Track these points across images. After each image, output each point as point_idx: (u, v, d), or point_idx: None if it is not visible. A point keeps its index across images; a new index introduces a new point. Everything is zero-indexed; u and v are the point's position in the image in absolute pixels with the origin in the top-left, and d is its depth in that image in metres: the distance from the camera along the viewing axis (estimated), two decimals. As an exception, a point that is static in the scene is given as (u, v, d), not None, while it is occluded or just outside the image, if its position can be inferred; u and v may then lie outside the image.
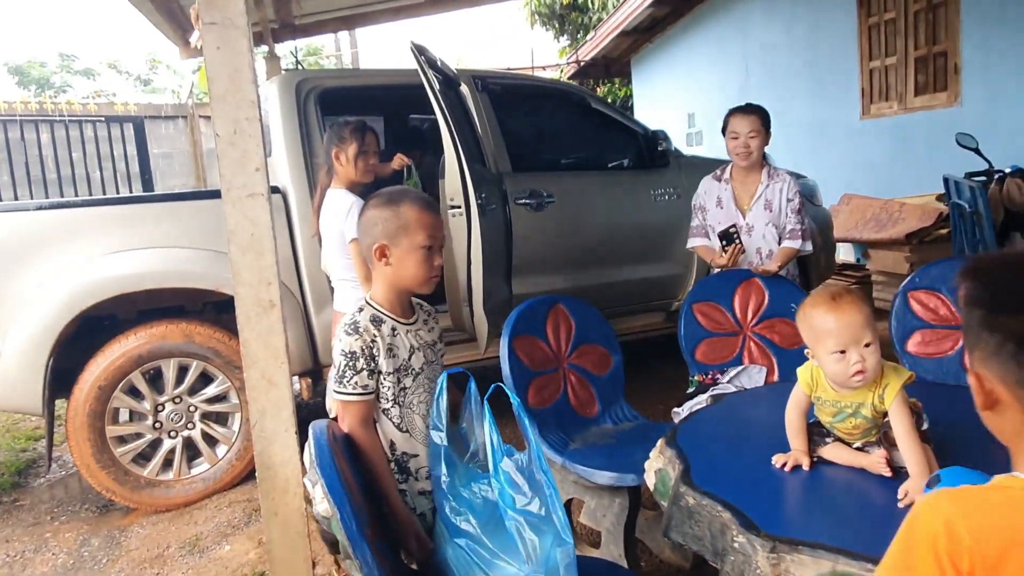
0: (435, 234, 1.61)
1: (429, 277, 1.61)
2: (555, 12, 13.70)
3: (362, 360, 1.53)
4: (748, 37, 7.71)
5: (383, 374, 1.57)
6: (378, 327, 1.57)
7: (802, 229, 2.89)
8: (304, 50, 17.40)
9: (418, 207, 1.60)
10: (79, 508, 3.27)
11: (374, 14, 6.50)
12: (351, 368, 1.53)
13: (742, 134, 2.87)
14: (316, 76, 3.83)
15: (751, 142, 2.86)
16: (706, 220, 3.05)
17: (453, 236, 3.04)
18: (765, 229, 2.91)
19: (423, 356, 1.65)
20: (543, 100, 4.33)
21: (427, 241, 1.58)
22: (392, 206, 1.59)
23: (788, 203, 2.90)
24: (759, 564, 1.18)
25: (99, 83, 19.38)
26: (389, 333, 1.59)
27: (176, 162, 9.42)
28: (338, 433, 1.36)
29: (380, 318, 1.60)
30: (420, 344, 1.66)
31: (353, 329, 1.55)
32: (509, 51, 35.80)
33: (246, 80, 1.99)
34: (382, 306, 1.62)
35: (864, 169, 6.13)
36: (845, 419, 1.44)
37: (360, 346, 1.53)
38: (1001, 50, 4.84)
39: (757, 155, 2.90)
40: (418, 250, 1.58)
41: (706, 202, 3.06)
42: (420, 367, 1.64)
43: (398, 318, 1.63)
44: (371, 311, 1.61)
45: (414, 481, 1.63)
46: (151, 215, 3.18)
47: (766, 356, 2.71)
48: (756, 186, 2.93)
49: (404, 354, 1.61)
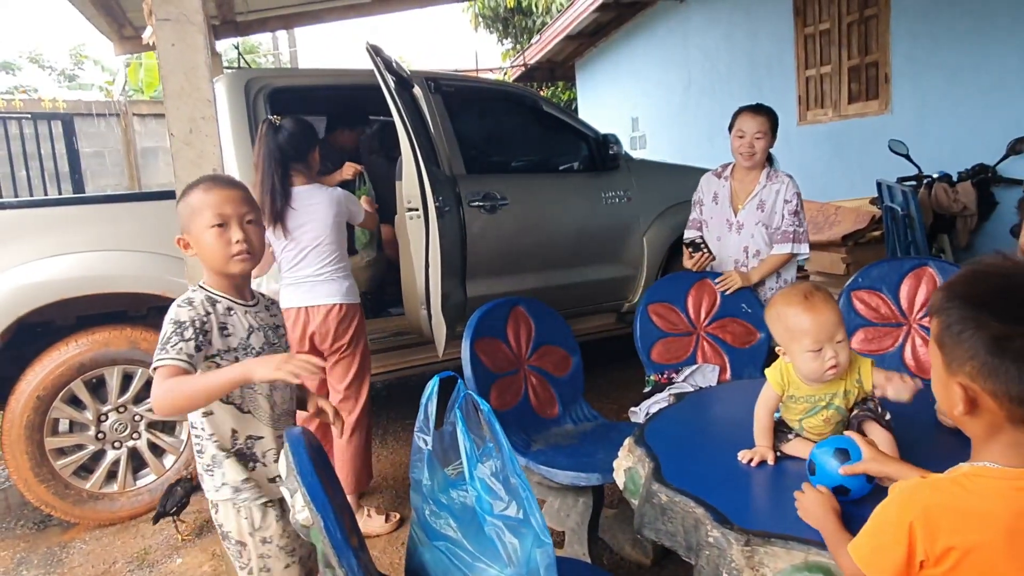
0: (223, 210, 1.54)
1: (230, 255, 1.54)
2: (499, 15, 13.74)
3: (191, 330, 1.46)
4: (690, 44, 7.90)
5: (220, 353, 1.53)
6: (212, 305, 1.54)
7: (796, 232, 2.85)
8: (241, 47, 16.95)
9: (203, 187, 1.57)
10: (15, 525, 3.11)
11: (318, 12, 6.39)
12: (178, 335, 1.45)
13: (748, 134, 2.84)
14: (265, 75, 3.75)
15: (756, 143, 2.83)
16: (702, 215, 3.06)
17: (410, 239, 3.02)
18: (754, 228, 2.90)
19: (263, 336, 1.62)
20: (496, 103, 4.34)
21: (214, 219, 1.53)
22: (184, 198, 1.59)
23: (785, 204, 2.85)
24: (734, 557, 1.21)
25: (20, 78, 18.44)
26: (224, 312, 1.56)
27: (108, 161, 9.04)
28: (312, 441, 1.34)
29: (214, 298, 1.57)
30: (260, 325, 1.63)
31: (187, 302, 1.51)
32: (453, 53, 35.65)
33: (202, 78, 1.95)
34: (214, 287, 1.60)
35: (801, 173, 6.30)
36: (818, 412, 1.50)
37: (191, 316, 1.48)
38: (929, 61, 5.10)
39: (760, 156, 2.87)
40: (207, 230, 1.53)
41: (704, 197, 3.07)
42: (261, 347, 1.61)
43: (234, 298, 1.60)
44: (204, 292, 1.58)
45: (261, 467, 1.62)
46: (91, 216, 3.05)
47: (719, 355, 2.79)
48: (754, 186, 2.91)
49: (242, 332, 1.58)
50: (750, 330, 2.80)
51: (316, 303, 2.65)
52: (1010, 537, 0.84)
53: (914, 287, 2.52)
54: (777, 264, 2.86)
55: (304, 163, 2.68)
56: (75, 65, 19.27)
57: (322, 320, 2.65)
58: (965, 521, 0.85)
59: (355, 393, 2.77)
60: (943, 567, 0.86)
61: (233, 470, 1.59)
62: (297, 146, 2.64)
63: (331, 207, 2.67)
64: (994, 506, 0.85)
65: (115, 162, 9.09)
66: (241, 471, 1.59)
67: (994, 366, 0.85)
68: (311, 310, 2.65)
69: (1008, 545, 0.84)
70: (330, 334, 2.66)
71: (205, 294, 1.57)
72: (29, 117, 7.78)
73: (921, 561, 0.87)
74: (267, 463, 1.63)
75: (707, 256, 2.91)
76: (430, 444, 1.47)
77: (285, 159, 2.62)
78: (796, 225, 2.86)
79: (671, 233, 4.32)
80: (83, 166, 8.43)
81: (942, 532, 0.86)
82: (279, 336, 1.70)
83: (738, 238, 2.94)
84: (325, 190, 2.71)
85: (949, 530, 0.85)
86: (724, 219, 2.97)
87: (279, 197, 2.59)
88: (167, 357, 1.43)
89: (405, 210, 3.01)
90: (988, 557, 0.84)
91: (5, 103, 8.51)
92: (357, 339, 2.74)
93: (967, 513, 0.86)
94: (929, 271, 2.51)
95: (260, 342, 1.61)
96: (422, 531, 1.41)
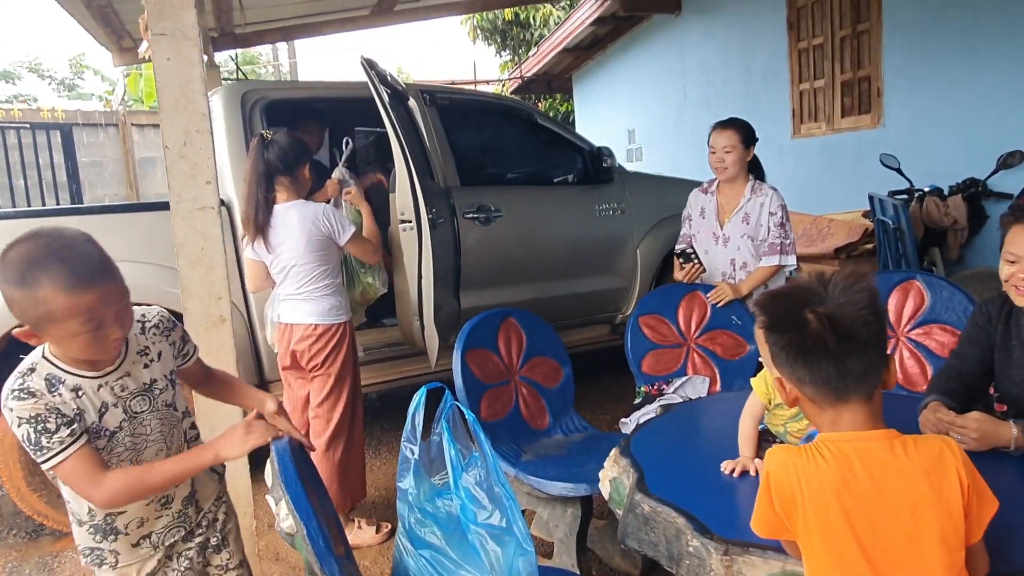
0: (95, 313, 1.23)
1: (107, 349, 1.30)
2: (497, 27, 13.85)
3: (53, 418, 1.23)
4: (686, 57, 7.96)
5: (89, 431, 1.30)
6: (54, 389, 1.27)
7: (783, 243, 2.90)
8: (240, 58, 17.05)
9: (63, 289, 1.19)
10: (7, 534, 3.11)
11: (317, 25, 6.46)
12: (44, 432, 1.22)
13: (718, 148, 2.93)
14: (262, 87, 3.78)
15: (726, 156, 2.90)
16: (691, 229, 3.12)
17: (404, 251, 3.05)
18: (740, 241, 2.95)
19: (122, 411, 1.36)
20: (491, 116, 4.38)
21: (84, 327, 1.23)
22: (25, 289, 1.19)
23: (771, 217, 2.91)
24: (713, 567, 1.23)
25: (19, 87, 18.55)
26: (72, 395, 1.28)
27: (106, 171, 9.09)
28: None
29: (60, 377, 1.29)
30: (120, 396, 1.36)
31: (27, 394, 1.24)
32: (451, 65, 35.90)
33: (197, 92, 1.97)
34: (63, 361, 1.30)
35: (795, 186, 6.39)
36: (800, 419, 1.53)
37: (41, 407, 1.23)
38: (920, 76, 5.15)
39: (733, 170, 2.93)
40: (76, 336, 1.24)
41: (692, 212, 3.13)
42: (118, 425, 1.35)
43: (84, 372, 1.31)
44: (48, 369, 1.29)
45: (124, 538, 1.40)
46: (87, 227, 3.06)
47: (709, 367, 2.81)
48: (739, 199, 2.97)
49: (93, 416, 1.31)
50: (740, 342, 2.82)
51: (296, 321, 2.67)
52: (837, 488, 1.03)
53: (901, 300, 2.54)
54: (766, 275, 2.89)
55: (291, 177, 2.65)
56: (75, 75, 19.38)
57: (299, 338, 2.66)
58: (800, 476, 1.05)
59: (328, 412, 2.72)
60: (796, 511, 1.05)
61: (85, 537, 1.41)
62: (284, 160, 2.62)
63: (303, 227, 2.59)
64: (823, 463, 1.05)
65: (114, 172, 9.13)
66: (95, 541, 1.41)
67: (786, 362, 1.09)
68: (293, 327, 2.68)
69: (836, 498, 1.02)
70: (306, 353, 2.67)
71: (47, 372, 1.28)
72: (28, 127, 7.83)
73: None
74: (129, 532, 1.41)
75: (698, 267, 2.95)
76: (416, 454, 1.49)
77: (271, 173, 2.61)
78: (783, 237, 2.90)
79: (664, 245, 4.35)
80: (81, 176, 8.47)
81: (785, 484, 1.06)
82: (153, 395, 1.41)
83: (725, 251, 2.98)
84: (301, 207, 2.64)
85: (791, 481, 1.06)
86: (711, 232, 3.02)
87: (262, 212, 2.59)
88: (53, 454, 1.23)
89: (399, 222, 3.03)
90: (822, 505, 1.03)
91: (4, 113, 8.56)
92: (333, 359, 2.69)
93: (804, 470, 1.05)
94: (916, 285, 2.53)
95: (117, 420, 1.35)
96: (407, 540, 1.43)
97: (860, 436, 1.05)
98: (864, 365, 1.05)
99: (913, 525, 1.00)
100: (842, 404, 1.07)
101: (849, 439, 1.05)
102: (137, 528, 1.42)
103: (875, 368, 1.07)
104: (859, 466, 1.03)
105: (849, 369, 1.05)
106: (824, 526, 1.03)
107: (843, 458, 1.04)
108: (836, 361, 1.04)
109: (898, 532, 1.01)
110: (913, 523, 1.00)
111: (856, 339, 1.04)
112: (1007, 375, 1.71)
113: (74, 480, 1.26)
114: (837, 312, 1.04)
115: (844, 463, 1.03)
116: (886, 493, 1.01)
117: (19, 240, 1.23)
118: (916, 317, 2.47)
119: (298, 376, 2.80)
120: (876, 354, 1.07)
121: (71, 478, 1.26)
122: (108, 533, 1.40)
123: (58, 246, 1.24)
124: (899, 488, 1.01)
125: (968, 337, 1.81)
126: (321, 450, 2.70)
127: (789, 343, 1.08)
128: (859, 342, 1.04)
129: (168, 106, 1.93)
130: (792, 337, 1.07)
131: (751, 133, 2.96)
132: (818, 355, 1.05)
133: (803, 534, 1.05)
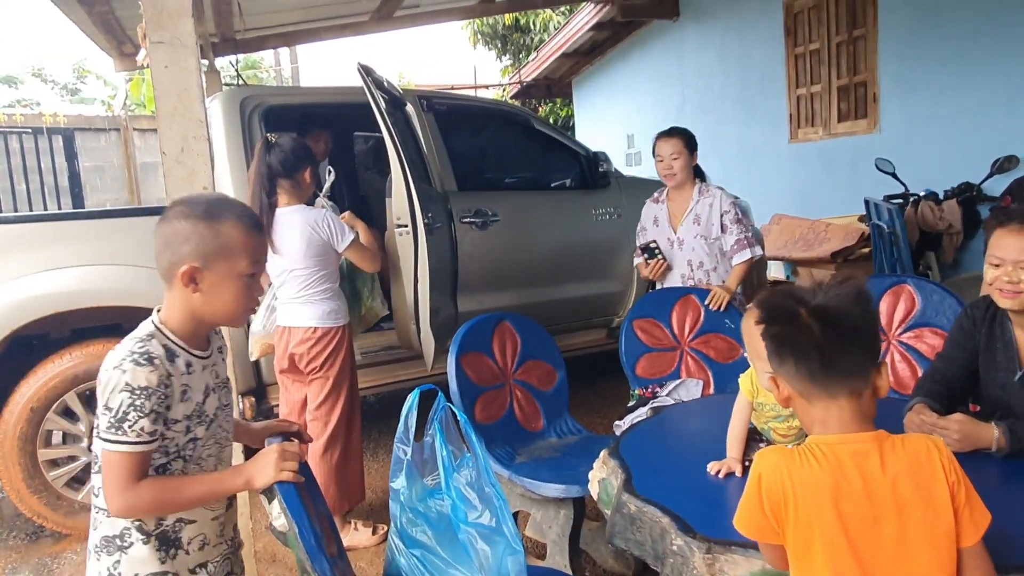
0: (260, 259, 1.34)
1: (248, 310, 1.35)
2: (497, 32, 13.90)
3: (153, 399, 1.20)
4: (684, 62, 8.00)
5: (169, 422, 1.26)
6: (172, 361, 1.26)
7: (746, 237, 3.04)
8: (243, 62, 17.11)
9: (244, 226, 1.29)
10: (7, 536, 3.14)
11: (317, 31, 6.50)
12: (137, 408, 1.18)
13: (665, 156, 3.08)
14: (260, 93, 3.81)
15: (673, 163, 3.06)
16: (646, 239, 3.22)
17: (400, 255, 3.08)
18: (694, 242, 3.10)
19: (218, 399, 1.37)
20: (488, 121, 4.41)
21: (250, 268, 1.30)
22: (210, 221, 1.27)
23: (724, 215, 3.05)
24: (696, 565, 1.26)
25: (23, 92, 18.59)
26: (184, 369, 1.28)
27: (108, 176, 9.13)
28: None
29: (174, 351, 1.28)
30: (215, 384, 1.37)
31: (146, 359, 1.20)
32: (452, 69, 36.02)
33: (194, 99, 2.01)
34: (176, 334, 1.30)
35: (792, 191, 6.43)
36: (783, 420, 1.55)
37: (155, 380, 1.20)
38: (916, 82, 5.19)
39: (681, 175, 3.08)
40: (239, 279, 1.29)
41: (647, 223, 3.27)
42: (214, 412, 1.35)
43: (193, 351, 1.32)
44: (164, 340, 1.27)
45: (183, 556, 1.31)
46: (88, 232, 3.10)
47: (702, 370, 2.83)
48: (688, 203, 3.12)
49: (199, 396, 1.30)
50: (733, 345, 2.84)
51: (294, 324, 2.71)
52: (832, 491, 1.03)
53: (893, 304, 2.57)
54: (745, 271, 3.06)
55: (292, 181, 2.70)
56: (78, 79, 19.42)
57: (298, 341, 2.70)
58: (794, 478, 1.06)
59: (325, 415, 2.76)
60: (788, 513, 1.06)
61: (144, 560, 1.27)
62: (286, 164, 2.67)
63: (302, 232, 2.63)
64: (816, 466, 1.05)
65: (115, 177, 9.17)
66: (155, 562, 1.28)
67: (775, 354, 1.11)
68: (292, 330, 2.72)
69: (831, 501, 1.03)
70: (305, 355, 2.70)
71: (164, 342, 1.27)
72: (30, 132, 7.86)
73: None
74: (191, 551, 1.32)
75: (662, 262, 3.10)
76: (409, 454, 1.52)
77: (273, 177, 2.66)
78: (744, 232, 3.06)
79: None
80: (83, 180, 8.50)
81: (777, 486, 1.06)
82: (228, 395, 1.43)
83: (681, 253, 3.13)
84: (302, 212, 2.68)
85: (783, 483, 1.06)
86: (666, 238, 3.16)
87: (265, 214, 2.64)
88: (123, 441, 1.18)
89: (395, 226, 3.06)
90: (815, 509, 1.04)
91: (6, 117, 8.60)
92: (332, 362, 2.72)
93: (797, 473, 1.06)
94: (908, 289, 2.55)
95: (214, 407, 1.35)
96: (399, 539, 1.45)
97: (852, 438, 1.06)
98: (850, 359, 1.06)
99: (901, 526, 1.01)
100: (830, 401, 1.07)
101: (841, 441, 1.06)
102: (198, 550, 1.33)
103: (863, 366, 1.07)
104: (852, 469, 1.03)
105: (835, 362, 1.06)
106: (818, 529, 1.03)
107: (836, 461, 1.04)
108: (822, 352, 1.05)
109: (888, 534, 1.02)
110: (901, 524, 1.01)
111: (841, 328, 1.05)
112: (991, 377, 1.73)
113: (114, 474, 1.20)
114: (825, 303, 1.07)
115: (837, 466, 1.04)
116: (876, 495, 1.02)
117: (187, 196, 1.39)
118: (907, 321, 2.49)
119: (295, 379, 2.82)
120: (864, 349, 1.08)
121: (114, 471, 1.20)
122: (171, 546, 1.29)
123: (229, 198, 1.44)
124: (889, 490, 1.02)
125: (953, 340, 1.83)
126: (319, 453, 2.72)
127: (778, 334, 1.10)
128: (844, 332, 1.05)
129: (166, 113, 1.97)
130: (782, 328, 1.10)
131: (693, 140, 3.14)
132: (805, 345, 1.06)
133: (793, 537, 1.06)
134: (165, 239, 1.28)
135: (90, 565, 1.30)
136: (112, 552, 1.27)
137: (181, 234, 1.26)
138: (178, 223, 1.27)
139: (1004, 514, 1.26)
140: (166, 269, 1.28)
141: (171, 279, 1.28)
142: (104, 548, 1.28)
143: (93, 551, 1.30)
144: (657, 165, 3.13)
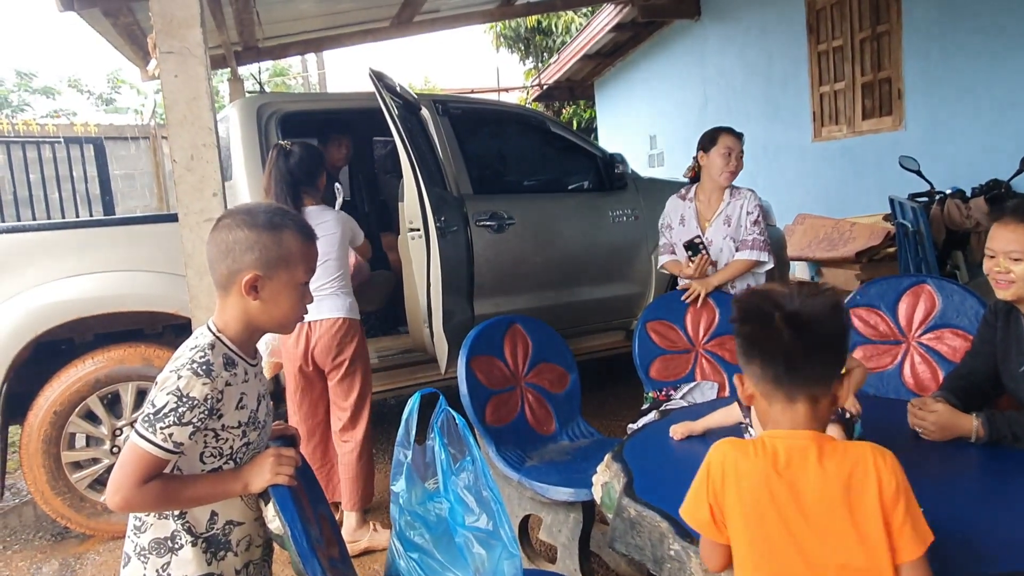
0: (314, 268, 1.40)
1: (299, 318, 1.40)
2: (520, 35, 13.93)
3: (198, 412, 1.22)
4: (706, 62, 7.93)
5: (226, 427, 1.30)
6: (232, 371, 1.30)
7: (758, 240, 2.96)
8: (271, 70, 17.38)
9: (302, 236, 1.36)
10: (32, 536, 3.22)
11: (339, 37, 6.58)
12: (177, 416, 1.20)
13: (734, 152, 2.98)
14: (277, 100, 3.87)
15: (738, 161, 3.00)
16: (671, 238, 3.14)
17: (412, 258, 3.09)
18: (723, 243, 3.01)
19: (267, 406, 1.42)
20: (503, 124, 4.42)
21: (306, 276, 1.36)
22: (272, 231, 1.31)
23: (748, 216, 2.98)
24: (692, 570, 1.24)
25: (59, 102, 19.08)
26: (243, 377, 1.33)
27: (138, 183, 9.33)
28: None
29: (233, 359, 1.32)
30: (264, 392, 1.41)
31: (205, 371, 1.23)
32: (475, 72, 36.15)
33: (204, 107, 2.04)
34: (235, 342, 1.33)
35: (816, 190, 6.34)
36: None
37: (206, 394, 1.23)
38: (940, 77, 5.08)
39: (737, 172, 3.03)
40: (297, 287, 1.34)
41: (672, 220, 3.16)
42: (264, 419, 1.39)
43: (248, 359, 1.37)
44: (224, 349, 1.31)
45: (232, 557, 1.34)
46: (109, 238, 3.17)
47: (718, 372, 2.80)
48: (719, 203, 3.03)
49: (253, 404, 1.35)
50: (748, 347, 2.81)
51: (320, 317, 2.72)
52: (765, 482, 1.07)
53: (912, 304, 2.51)
54: (737, 270, 2.95)
55: (313, 186, 2.80)
56: (112, 89, 19.86)
57: (325, 333, 2.72)
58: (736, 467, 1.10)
59: (360, 410, 2.82)
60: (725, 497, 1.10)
61: (192, 561, 1.29)
62: (306, 170, 2.76)
63: (340, 226, 2.80)
64: (755, 457, 1.09)
65: (145, 184, 9.38)
66: (202, 564, 1.30)
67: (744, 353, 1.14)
68: (314, 324, 2.72)
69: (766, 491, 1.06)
70: (332, 348, 2.73)
71: (224, 352, 1.31)
72: (61, 141, 8.06)
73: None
74: (239, 552, 1.36)
75: (707, 258, 2.94)
76: (410, 458, 1.52)
77: (296, 182, 2.73)
78: (756, 234, 2.97)
79: (679, 251, 4.33)
80: (114, 188, 8.70)
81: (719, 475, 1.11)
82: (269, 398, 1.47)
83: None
84: (333, 211, 2.85)
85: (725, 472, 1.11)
86: (697, 235, 3.05)
87: None
88: (152, 441, 1.20)
89: (408, 230, 3.08)
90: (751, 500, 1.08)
91: (39, 127, 8.83)
92: (359, 355, 2.80)
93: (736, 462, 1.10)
94: (927, 289, 2.50)
95: (264, 413, 1.40)
96: (399, 542, 1.45)
97: (791, 435, 1.10)
98: (815, 369, 1.09)
99: (829, 526, 1.03)
100: (788, 404, 1.10)
101: (781, 436, 1.10)
102: (244, 551, 1.36)
103: (826, 376, 1.10)
104: (783, 462, 1.07)
105: (799, 369, 1.08)
106: (752, 518, 1.07)
107: (772, 453, 1.08)
108: (788, 358, 1.08)
109: (816, 531, 1.04)
110: (829, 524, 1.03)
111: (810, 338, 1.08)
112: (1007, 370, 1.76)
113: (128, 469, 1.20)
114: (799, 310, 1.09)
115: (772, 458, 1.08)
116: (804, 492, 1.05)
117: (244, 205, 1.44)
118: (927, 322, 2.44)
119: (314, 377, 2.84)
120: (829, 361, 1.10)
121: (129, 465, 1.20)
122: (220, 548, 1.32)
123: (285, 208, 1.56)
124: (818, 488, 1.04)
125: (980, 335, 1.89)
126: (356, 449, 2.79)
127: (750, 334, 1.13)
128: (813, 341, 1.08)
129: (176, 121, 2.00)
130: (754, 327, 1.13)
131: None
132: (772, 348, 1.09)
133: (732, 526, 1.10)
134: (225, 247, 1.30)
135: (132, 567, 1.30)
136: (163, 554, 1.29)
137: (244, 243, 1.29)
138: (240, 231, 1.30)
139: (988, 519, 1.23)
140: (225, 276, 1.31)
141: (230, 286, 1.31)
142: (155, 550, 1.29)
143: (138, 554, 1.30)
144: (717, 160, 2.97)
